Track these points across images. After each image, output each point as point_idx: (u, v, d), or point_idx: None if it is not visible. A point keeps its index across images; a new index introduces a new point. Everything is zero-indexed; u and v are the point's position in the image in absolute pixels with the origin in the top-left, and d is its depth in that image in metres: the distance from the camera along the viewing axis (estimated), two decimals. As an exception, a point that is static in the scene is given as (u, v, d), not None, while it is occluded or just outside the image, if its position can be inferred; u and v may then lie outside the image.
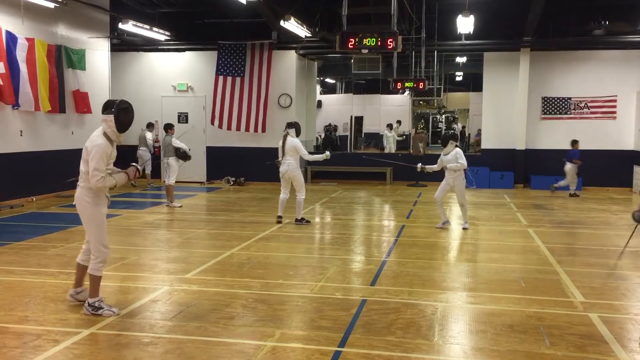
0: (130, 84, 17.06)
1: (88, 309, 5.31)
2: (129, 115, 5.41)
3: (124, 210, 11.52)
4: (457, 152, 9.74)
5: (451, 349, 4.68)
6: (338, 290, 6.19)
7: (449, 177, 9.82)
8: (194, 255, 7.85)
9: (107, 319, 5.21)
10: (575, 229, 10.00)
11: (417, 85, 16.86)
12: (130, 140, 16.94)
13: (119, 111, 5.29)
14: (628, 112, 15.52)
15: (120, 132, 5.34)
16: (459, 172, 9.73)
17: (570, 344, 4.73)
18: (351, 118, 25.46)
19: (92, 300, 5.32)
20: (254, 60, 16.31)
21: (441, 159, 9.90)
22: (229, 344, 4.69)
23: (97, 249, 5.30)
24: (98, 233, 5.31)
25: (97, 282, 5.35)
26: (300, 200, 10.12)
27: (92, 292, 5.35)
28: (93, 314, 5.26)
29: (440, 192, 9.96)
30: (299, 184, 10.10)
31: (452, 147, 9.77)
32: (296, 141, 10.01)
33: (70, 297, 5.60)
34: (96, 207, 5.30)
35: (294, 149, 9.96)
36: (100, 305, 5.31)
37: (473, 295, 6.12)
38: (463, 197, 9.89)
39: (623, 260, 7.95)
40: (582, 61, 15.75)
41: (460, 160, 9.65)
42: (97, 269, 5.32)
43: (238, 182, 16.38)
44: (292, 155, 9.99)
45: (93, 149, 5.18)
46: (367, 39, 9.00)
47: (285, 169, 10.04)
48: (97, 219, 5.32)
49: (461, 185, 9.81)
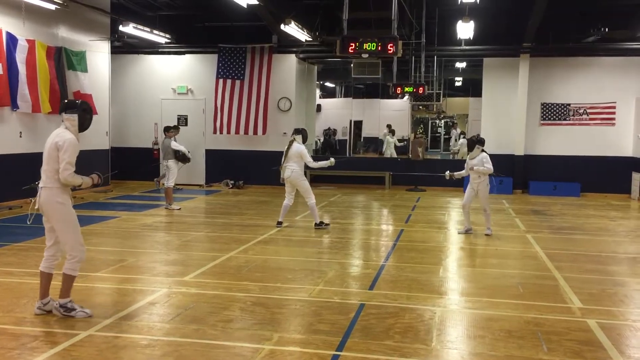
0: (131, 86, 17.08)
1: (59, 310, 5.18)
2: (90, 116, 5.44)
3: (122, 213, 11.52)
4: (483, 156, 9.60)
5: (449, 353, 4.68)
6: (336, 294, 6.19)
7: (474, 182, 9.70)
8: (193, 258, 7.85)
9: (104, 320, 5.19)
10: (573, 235, 10.01)
11: (416, 90, 16.90)
12: (141, 142, 17.00)
13: (83, 111, 5.32)
14: (627, 118, 15.55)
15: (80, 131, 5.33)
16: (484, 177, 9.61)
17: (568, 350, 4.73)
18: (350, 122, 25.45)
19: (63, 301, 5.21)
20: (254, 64, 16.33)
21: (467, 163, 9.81)
22: (227, 347, 4.68)
23: (75, 248, 5.21)
24: (74, 232, 5.22)
25: (71, 282, 5.25)
26: (312, 206, 10.07)
27: (63, 292, 5.22)
28: (65, 315, 5.16)
29: (468, 199, 9.80)
30: (304, 190, 10.08)
31: (478, 151, 9.66)
32: (302, 147, 10.00)
33: (37, 310, 5.32)
34: (68, 206, 5.22)
35: (298, 155, 9.93)
36: (72, 307, 5.21)
37: (471, 300, 6.12)
38: (487, 203, 9.75)
39: (621, 267, 7.96)
40: (581, 68, 15.78)
41: (487, 164, 9.54)
42: (74, 268, 5.23)
43: (237, 185, 16.38)
44: (296, 162, 9.96)
45: (65, 142, 5.14)
46: (368, 44, 9.02)
47: (288, 174, 10.03)
48: (71, 218, 5.23)
49: (485, 190, 9.69)
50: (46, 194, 5.19)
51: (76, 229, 5.25)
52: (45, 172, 5.23)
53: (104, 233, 9.56)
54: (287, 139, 16.29)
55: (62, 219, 5.19)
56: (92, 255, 7.81)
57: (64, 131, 5.26)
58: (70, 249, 5.21)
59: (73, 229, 5.23)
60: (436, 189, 16.31)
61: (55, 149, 5.18)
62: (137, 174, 16.85)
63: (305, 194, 10.09)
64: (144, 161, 16.71)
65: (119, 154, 16.27)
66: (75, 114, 5.28)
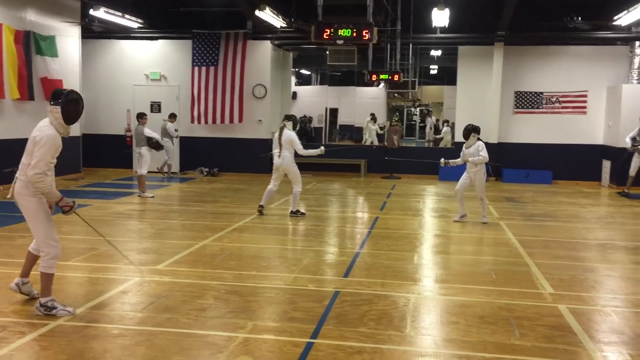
0: (102, 72, 16.76)
1: (40, 309, 4.98)
2: (78, 106, 5.06)
3: (94, 201, 11.34)
4: (479, 144, 9.59)
5: (423, 340, 4.70)
6: (311, 282, 6.18)
7: (470, 171, 9.70)
8: (166, 246, 7.76)
9: (75, 310, 5.10)
10: (545, 222, 10.14)
11: (392, 77, 16.88)
12: (113, 129, 16.72)
13: (67, 102, 4.96)
14: (598, 107, 15.77)
15: (67, 124, 5.00)
16: (480, 165, 9.62)
17: (540, 335, 4.79)
18: (326, 110, 25.44)
19: (44, 300, 4.98)
20: (228, 50, 16.14)
21: (463, 152, 9.80)
22: (200, 336, 4.64)
23: (47, 245, 4.98)
24: (45, 227, 4.98)
25: (50, 280, 5.03)
26: (296, 193, 10.03)
27: (43, 291, 5.01)
28: (46, 314, 4.96)
29: (461, 186, 9.82)
30: (294, 176, 10.00)
31: (474, 140, 9.65)
32: (292, 134, 9.89)
33: (14, 286, 5.26)
34: (39, 200, 4.96)
35: (289, 142, 9.83)
36: (53, 305, 4.99)
37: (445, 287, 6.17)
38: (483, 191, 9.77)
39: (591, 253, 8.09)
40: (554, 56, 15.94)
41: (482, 153, 9.53)
42: (49, 266, 5.00)
43: (212, 173, 16.23)
44: (288, 149, 9.85)
45: (43, 138, 4.84)
46: (343, 30, 8.98)
47: (280, 162, 9.92)
48: (42, 212, 4.98)
49: (481, 179, 9.70)
50: (19, 186, 4.99)
51: (47, 225, 5.00)
52: (22, 164, 5.00)
53: (75, 221, 9.32)
54: (262, 126, 16.45)
55: (32, 213, 4.98)
56: (63, 244, 7.58)
57: (46, 125, 4.96)
58: (42, 245, 5.00)
59: (43, 224, 4.98)
60: (411, 177, 16.39)
61: (32, 142, 4.92)
62: (110, 162, 16.62)
63: (294, 181, 10.02)
64: (116, 148, 16.47)
65: (90, 141, 15.99)
66: (58, 106, 4.92)
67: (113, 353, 4.30)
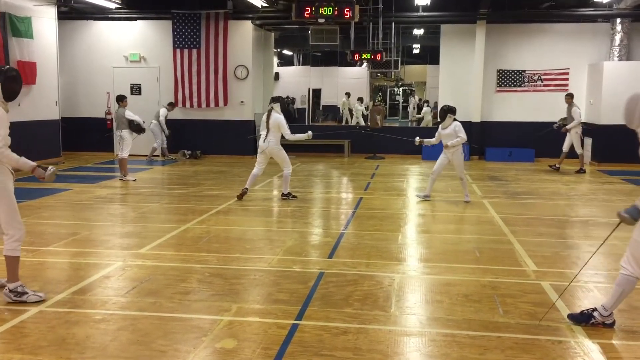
0: (80, 54, 16.45)
1: (9, 296, 4.87)
2: (16, 83, 4.92)
3: (74, 185, 11.19)
4: (455, 125, 9.50)
5: (408, 319, 4.71)
6: (296, 264, 6.16)
7: (447, 152, 9.66)
8: (149, 230, 7.69)
9: (56, 296, 5.04)
10: (528, 200, 10.21)
11: (374, 56, 16.80)
12: (93, 112, 16.46)
13: (6, 79, 4.80)
14: (579, 84, 15.83)
15: (7, 100, 4.84)
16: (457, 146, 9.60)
17: (523, 312, 4.82)
18: (309, 90, 25.27)
19: (12, 285, 4.88)
20: (209, 31, 15.91)
21: (439, 132, 9.71)
22: (184, 320, 4.61)
23: (11, 226, 4.85)
24: (9, 208, 4.85)
25: (16, 264, 4.92)
26: (286, 175, 9.84)
27: (10, 276, 4.89)
28: (16, 301, 4.85)
29: (438, 167, 9.79)
30: (282, 160, 9.81)
31: (450, 120, 9.55)
32: (281, 118, 9.62)
33: None
34: (2, 181, 4.82)
35: (277, 125, 9.58)
36: (23, 290, 4.89)
37: (429, 266, 6.19)
38: (462, 171, 9.76)
39: (574, 230, 8.17)
40: (536, 34, 15.94)
41: (460, 134, 9.45)
42: (14, 248, 4.86)
43: (194, 155, 16.09)
44: (274, 132, 9.62)
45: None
46: (324, 8, 8.90)
47: (265, 145, 9.68)
48: (6, 193, 4.84)
49: (459, 159, 9.67)
50: None
51: (12, 206, 4.86)
52: None
53: (55, 206, 9.28)
54: (245, 108, 16.30)
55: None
56: (43, 229, 7.59)
57: None
58: (6, 226, 4.85)
59: (8, 205, 4.84)
60: (394, 157, 16.39)
61: None
62: (90, 145, 16.41)
63: (282, 164, 9.83)
64: (96, 132, 16.25)
65: (69, 124, 15.73)
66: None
67: (96, 339, 4.25)
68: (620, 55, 14.93)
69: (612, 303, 4.43)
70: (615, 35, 14.98)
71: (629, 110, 4.34)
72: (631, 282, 4.35)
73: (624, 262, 4.38)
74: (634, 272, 4.31)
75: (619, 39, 14.92)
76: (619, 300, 4.42)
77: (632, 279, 4.34)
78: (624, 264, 4.37)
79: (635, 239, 4.30)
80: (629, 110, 4.34)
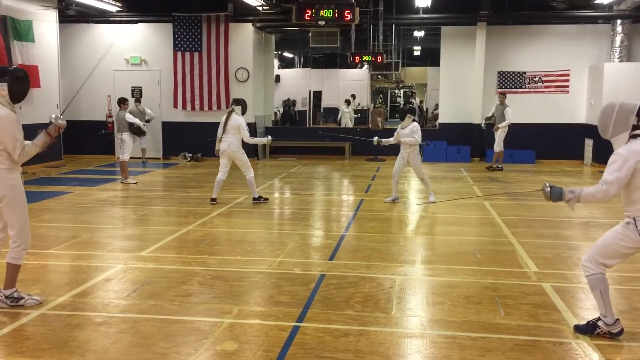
0: (81, 57, 16.43)
1: (5, 302, 4.82)
2: (24, 84, 4.86)
3: (76, 188, 11.20)
4: (413, 126, 9.70)
5: (409, 321, 4.71)
6: (296, 266, 6.16)
7: (404, 152, 9.83)
8: (150, 233, 7.69)
9: (57, 298, 5.04)
10: (528, 201, 10.20)
11: (375, 58, 16.81)
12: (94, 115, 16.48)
13: (13, 80, 4.74)
14: (580, 86, 15.83)
15: (14, 102, 4.78)
16: (413, 146, 9.73)
17: (524, 314, 4.82)
18: (310, 93, 25.26)
19: (8, 292, 4.84)
20: (210, 34, 15.93)
21: (398, 132, 9.88)
22: (185, 322, 4.61)
23: (23, 235, 4.81)
24: (24, 217, 4.83)
25: (16, 272, 4.86)
26: (250, 180, 9.72)
27: (8, 283, 4.84)
28: (12, 306, 4.82)
29: (398, 168, 9.94)
30: (242, 164, 9.65)
31: (409, 121, 9.76)
32: (241, 120, 9.49)
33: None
34: (21, 189, 4.81)
35: (237, 127, 9.43)
36: (20, 295, 4.87)
37: (430, 267, 6.18)
38: (420, 171, 9.94)
39: (574, 231, 8.17)
40: (536, 36, 15.95)
41: (415, 135, 9.62)
42: (19, 257, 4.83)
43: (195, 158, 16.10)
44: (234, 134, 9.45)
45: (2, 121, 4.62)
46: (324, 11, 8.90)
47: (225, 147, 9.51)
48: (23, 202, 4.82)
49: (416, 159, 9.84)
50: None
51: (26, 214, 4.86)
52: None
53: (56, 209, 9.28)
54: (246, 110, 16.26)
55: (15, 203, 4.77)
56: (44, 232, 7.59)
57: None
58: (18, 235, 4.80)
59: (24, 214, 4.84)
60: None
61: None
62: (91, 148, 16.42)
63: (243, 168, 9.68)
64: (97, 134, 16.25)
65: (71, 127, 15.65)
66: (4, 84, 4.68)
67: (97, 341, 4.26)
68: (621, 56, 14.91)
69: (603, 308, 4.29)
70: (615, 36, 14.96)
71: (603, 120, 4.29)
72: (601, 280, 4.25)
73: (584, 260, 4.31)
74: (596, 269, 4.24)
75: (619, 40, 14.91)
76: (605, 302, 4.27)
77: (599, 276, 4.25)
78: (585, 262, 4.29)
79: (606, 240, 4.24)
80: (604, 120, 4.29)
